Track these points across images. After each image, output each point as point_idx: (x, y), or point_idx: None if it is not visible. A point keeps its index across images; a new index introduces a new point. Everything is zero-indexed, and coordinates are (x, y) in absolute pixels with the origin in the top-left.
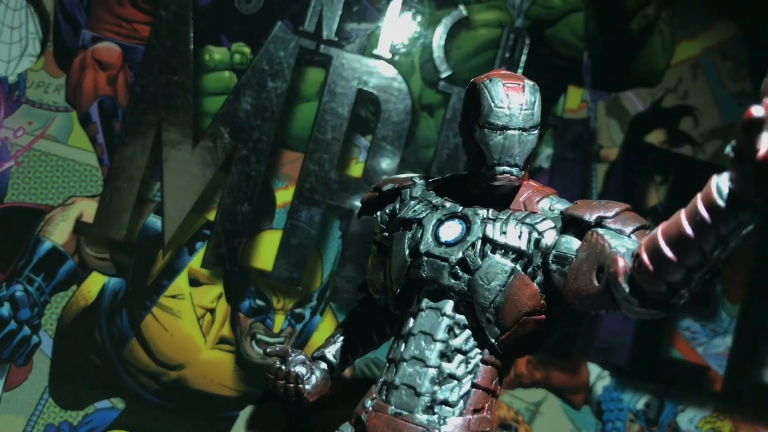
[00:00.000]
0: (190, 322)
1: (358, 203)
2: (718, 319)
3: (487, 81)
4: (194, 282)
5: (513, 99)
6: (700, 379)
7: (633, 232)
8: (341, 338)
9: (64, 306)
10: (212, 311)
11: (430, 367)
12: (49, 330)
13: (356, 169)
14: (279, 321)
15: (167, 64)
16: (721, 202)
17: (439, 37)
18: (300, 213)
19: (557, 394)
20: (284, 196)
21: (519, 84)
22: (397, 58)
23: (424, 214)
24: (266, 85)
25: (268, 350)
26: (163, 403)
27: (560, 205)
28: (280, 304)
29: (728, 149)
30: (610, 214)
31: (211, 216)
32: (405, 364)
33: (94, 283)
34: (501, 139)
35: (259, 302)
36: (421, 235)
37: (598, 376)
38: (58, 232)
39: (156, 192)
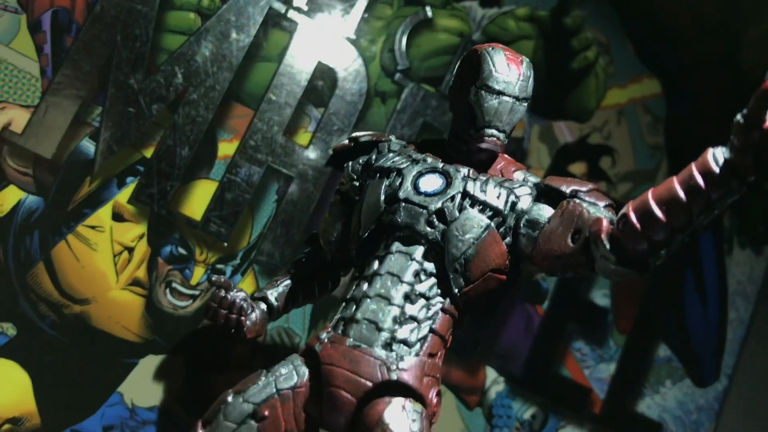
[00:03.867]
0: (105, 257)
1: (299, 169)
2: (607, 345)
3: (490, 49)
4: (117, 216)
5: (512, 69)
6: (583, 399)
7: (605, 206)
8: (283, 284)
9: None
10: (131, 250)
11: (395, 305)
12: None
13: (303, 138)
14: (198, 273)
15: None
16: (716, 168)
17: (402, 31)
18: (240, 169)
19: (454, 392)
20: (227, 148)
21: (518, 58)
22: (361, 41)
23: (404, 165)
24: (229, 36)
25: (213, 278)
26: (60, 337)
27: (532, 178)
28: (202, 256)
29: (738, 117)
30: (584, 188)
31: (148, 153)
32: (369, 300)
33: (9, 197)
34: (496, 103)
35: (182, 251)
36: (400, 183)
37: (493, 381)
38: None
39: (96, 117)
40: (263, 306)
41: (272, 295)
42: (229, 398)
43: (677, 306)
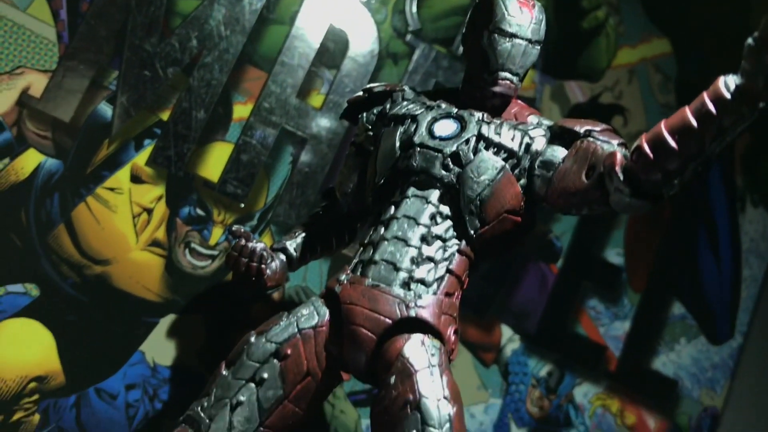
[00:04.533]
0: (124, 219)
1: (313, 131)
2: (621, 303)
3: None
4: (136, 179)
5: (524, 12)
6: (598, 357)
7: (619, 144)
8: (302, 236)
9: None
10: (149, 212)
11: (411, 246)
12: None
13: (316, 100)
14: (216, 233)
15: None
16: (727, 95)
17: None
18: (254, 131)
19: (470, 350)
20: (242, 111)
21: (530, 2)
22: (372, 2)
23: (418, 112)
24: None
25: (233, 228)
26: (82, 297)
27: (546, 121)
28: (220, 217)
29: (750, 40)
30: (598, 128)
31: (165, 116)
32: (386, 242)
33: (30, 160)
34: (509, 45)
35: (200, 212)
36: (415, 129)
37: (509, 339)
38: (0, 100)
39: (112, 80)
40: (282, 256)
41: (291, 245)
42: (252, 338)
43: (691, 264)
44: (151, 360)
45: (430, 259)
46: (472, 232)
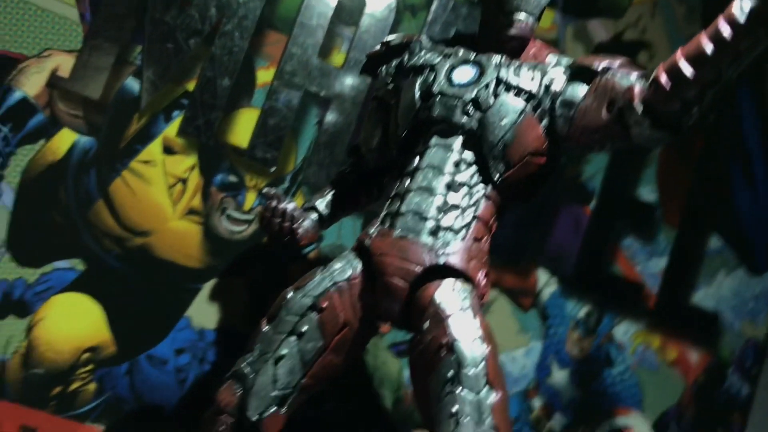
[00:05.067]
0: (160, 190)
1: (337, 90)
2: (657, 240)
3: None
4: (168, 150)
5: None
6: (636, 295)
7: (638, 76)
8: (331, 194)
9: (31, 159)
10: (184, 181)
11: (437, 195)
12: (12, 182)
13: (338, 59)
14: (250, 199)
15: None
16: (741, 18)
17: None
18: (279, 95)
19: (507, 296)
20: (265, 76)
21: None
22: None
23: (436, 61)
24: None
25: (264, 190)
26: (126, 269)
27: (565, 60)
28: (252, 182)
29: None
30: (616, 63)
31: (191, 86)
32: (412, 193)
33: (64, 140)
34: None
35: (232, 178)
36: (434, 78)
37: (546, 283)
38: (31, 83)
39: (137, 55)
40: (313, 215)
41: (321, 204)
42: (290, 294)
43: (726, 196)
44: (198, 325)
45: (457, 207)
46: (496, 176)
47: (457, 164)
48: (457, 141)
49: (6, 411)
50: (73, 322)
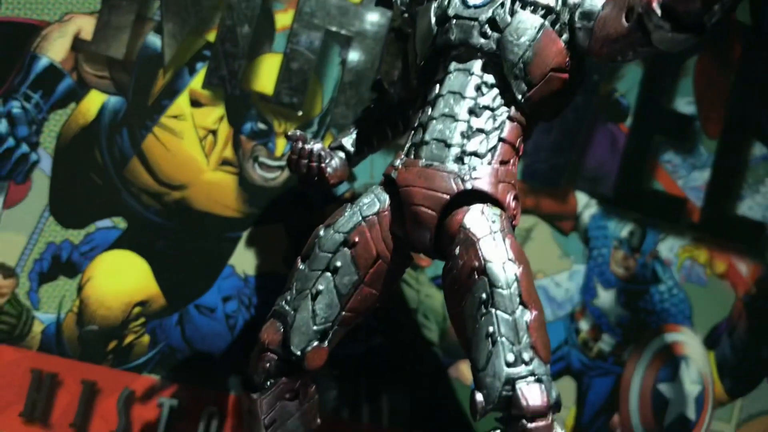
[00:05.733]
0: (191, 143)
1: (357, 28)
2: (697, 153)
3: None
4: (195, 103)
5: None
6: (679, 210)
7: None
8: (357, 131)
9: (63, 124)
10: (214, 133)
11: (460, 121)
12: (48, 148)
13: None
14: (280, 145)
15: None
16: None
17: None
18: (299, 37)
19: (547, 221)
20: (283, 19)
21: None
22: None
23: None
24: None
25: (289, 133)
26: (166, 223)
27: None
28: (281, 127)
29: None
30: None
31: (211, 37)
32: (434, 121)
33: (93, 102)
34: None
35: (261, 126)
36: (449, 1)
37: (585, 205)
38: (56, 49)
39: (155, 11)
40: (341, 153)
41: (347, 142)
42: (321, 232)
43: None
44: (242, 272)
45: (481, 131)
46: (519, 96)
47: (478, 88)
48: (477, 64)
49: (66, 367)
50: (121, 278)
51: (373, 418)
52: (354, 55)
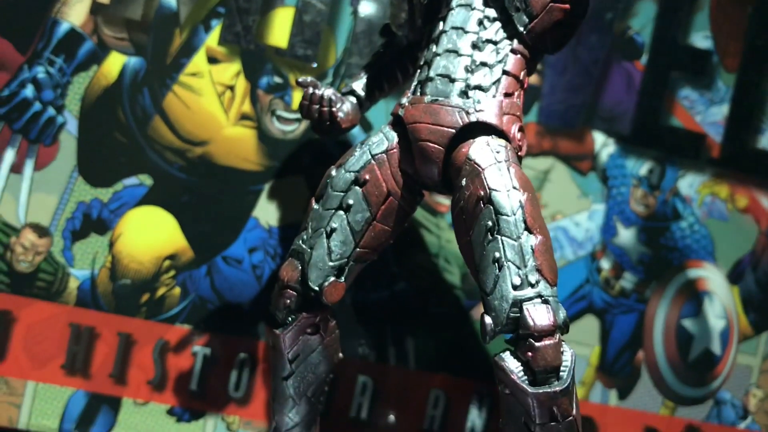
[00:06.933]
0: (211, 100)
1: None
2: (715, 88)
3: None
4: (212, 60)
5: None
6: (698, 146)
7: None
8: (367, 76)
9: (86, 86)
10: (232, 88)
11: (463, 56)
12: (74, 110)
13: None
14: (297, 97)
15: None
16: None
17: None
18: None
19: (565, 162)
20: None
21: None
22: None
23: None
24: None
25: (299, 80)
26: (190, 178)
27: None
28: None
29: None
30: None
31: None
32: (438, 58)
33: (114, 63)
34: None
35: (277, 79)
36: None
37: (603, 144)
38: (75, 14)
39: None
40: (352, 98)
41: (358, 87)
42: (333, 172)
43: None
44: (266, 223)
45: (484, 64)
46: (521, 28)
47: (480, 22)
48: None
49: (102, 320)
50: (150, 233)
51: (399, 361)
52: (365, 5)
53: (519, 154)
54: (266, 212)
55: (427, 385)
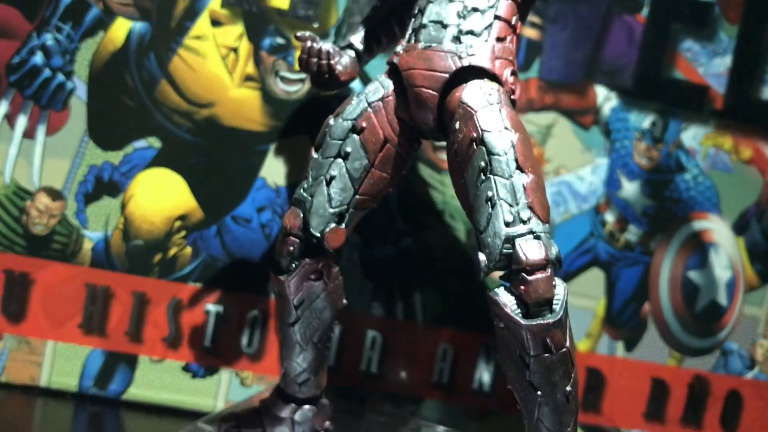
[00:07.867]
0: (215, 62)
1: None
2: (717, 39)
3: None
4: (216, 23)
5: None
6: (701, 98)
7: None
8: (365, 29)
9: (94, 52)
10: (235, 50)
11: (455, 1)
12: (82, 76)
13: None
14: None
15: None
16: None
17: None
18: None
19: (567, 117)
20: None
21: None
22: None
23: None
24: None
25: (297, 34)
26: (197, 140)
27: None
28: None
29: None
30: None
31: None
32: (431, 5)
33: (120, 28)
34: None
35: (279, 40)
36: None
37: (605, 98)
38: None
39: None
40: (351, 52)
41: (356, 40)
42: (331, 121)
43: None
44: (273, 183)
45: (476, 9)
46: None
47: None
48: None
49: (117, 280)
50: (161, 194)
51: (407, 315)
52: None
53: (512, 97)
54: (273, 172)
55: (435, 338)
